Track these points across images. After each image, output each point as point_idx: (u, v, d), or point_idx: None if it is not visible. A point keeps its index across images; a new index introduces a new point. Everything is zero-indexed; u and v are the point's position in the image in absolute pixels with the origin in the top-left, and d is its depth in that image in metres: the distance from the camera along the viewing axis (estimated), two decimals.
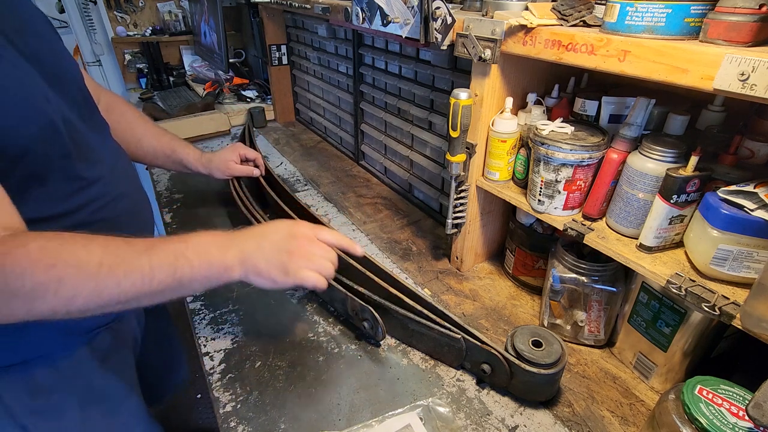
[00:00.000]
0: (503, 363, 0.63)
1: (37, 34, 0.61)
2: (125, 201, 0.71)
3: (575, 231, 0.67)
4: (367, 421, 0.62)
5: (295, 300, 0.86)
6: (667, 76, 0.47)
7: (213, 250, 0.57)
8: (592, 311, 0.72)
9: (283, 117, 1.84)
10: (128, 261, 0.51)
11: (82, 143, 0.63)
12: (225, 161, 1.05)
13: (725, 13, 0.44)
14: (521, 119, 0.76)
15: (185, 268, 0.54)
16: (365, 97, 1.34)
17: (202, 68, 2.17)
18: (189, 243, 0.56)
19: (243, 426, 0.62)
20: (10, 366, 0.63)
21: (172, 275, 0.53)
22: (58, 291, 0.48)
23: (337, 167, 1.45)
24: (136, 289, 0.51)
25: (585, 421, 0.63)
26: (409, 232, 1.09)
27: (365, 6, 0.84)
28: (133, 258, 0.52)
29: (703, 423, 0.46)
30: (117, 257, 0.51)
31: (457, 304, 0.85)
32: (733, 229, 0.51)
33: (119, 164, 0.73)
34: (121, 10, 2.26)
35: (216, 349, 0.74)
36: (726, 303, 0.51)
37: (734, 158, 0.57)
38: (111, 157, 0.71)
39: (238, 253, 0.58)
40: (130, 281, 0.51)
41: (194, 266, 0.55)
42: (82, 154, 0.63)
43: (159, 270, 0.53)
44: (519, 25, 0.60)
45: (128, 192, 0.73)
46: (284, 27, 1.67)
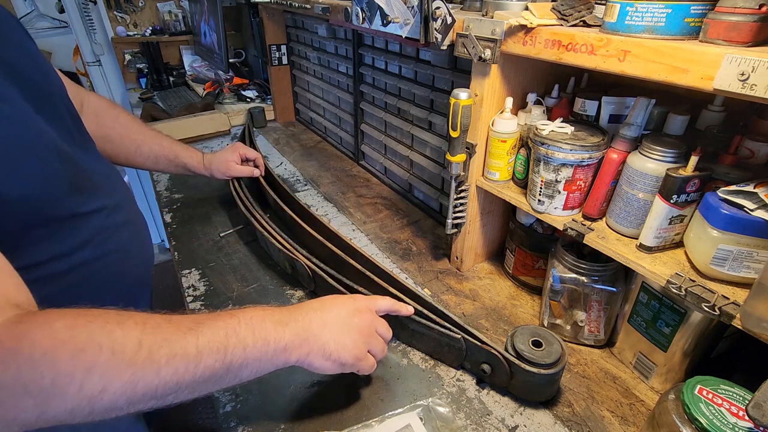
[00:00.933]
0: (503, 363, 0.63)
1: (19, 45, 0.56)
2: (129, 227, 0.68)
3: (575, 231, 0.67)
4: (367, 421, 0.62)
5: (295, 300, 0.86)
6: (667, 76, 0.47)
7: (269, 326, 0.49)
8: (592, 311, 0.72)
9: (283, 117, 1.84)
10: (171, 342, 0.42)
11: (79, 173, 0.59)
12: (225, 162, 1.05)
13: (725, 13, 0.44)
14: (521, 119, 0.76)
15: (237, 350, 0.45)
16: (365, 97, 1.34)
17: (202, 68, 2.17)
18: (241, 318, 0.48)
19: (243, 426, 0.62)
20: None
21: (222, 359, 0.44)
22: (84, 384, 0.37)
23: (337, 167, 1.45)
24: (177, 378, 0.42)
25: (585, 421, 0.63)
26: (409, 232, 1.09)
27: (365, 6, 0.84)
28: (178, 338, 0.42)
29: (703, 423, 0.46)
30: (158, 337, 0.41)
31: (457, 304, 0.85)
32: (733, 229, 0.51)
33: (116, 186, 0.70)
34: (121, 10, 2.26)
35: None
36: (726, 303, 0.51)
37: (734, 158, 0.57)
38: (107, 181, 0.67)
39: (300, 331, 0.51)
40: (172, 368, 0.41)
41: (248, 346, 0.46)
42: (81, 186, 0.58)
43: (207, 353, 0.43)
44: (519, 25, 0.60)
45: (129, 216, 0.70)
46: (284, 27, 1.67)
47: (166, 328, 0.43)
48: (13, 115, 0.48)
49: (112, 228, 0.64)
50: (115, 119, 0.89)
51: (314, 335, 0.52)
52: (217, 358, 0.44)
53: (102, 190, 0.64)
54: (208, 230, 1.07)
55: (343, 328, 0.54)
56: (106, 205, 0.63)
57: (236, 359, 0.45)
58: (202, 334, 0.44)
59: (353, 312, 0.56)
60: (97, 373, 0.37)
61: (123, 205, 0.69)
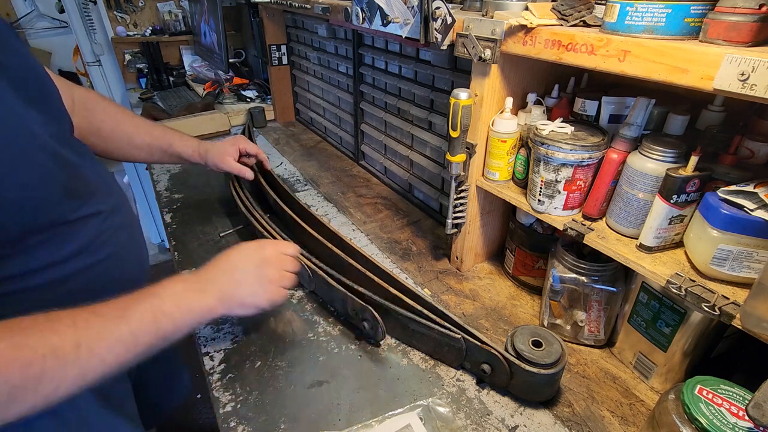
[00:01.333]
0: (503, 363, 0.63)
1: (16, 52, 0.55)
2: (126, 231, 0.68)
3: (575, 231, 0.67)
4: (367, 421, 0.62)
5: (295, 300, 0.86)
6: (667, 76, 0.47)
7: (190, 297, 0.56)
8: (592, 311, 0.72)
9: (283, 117, 1.84)
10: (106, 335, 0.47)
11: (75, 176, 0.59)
12: (222, 154, 0.99)
13: (725, 13, 0.44)
14: (521, 119, 0.76)
15: (167, 325, 0.53)
16: (365, 97, 1.34)
17: (202, 68, 2.17)
18: (164, 296, 0.54)
19: (243, 426, 0.62)
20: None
21: (156, 334, 0.51)
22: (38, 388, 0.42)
23: (337, 167, 1.45)
24: (120, 359, 0.48)
25: (585, 421, 0.63)
26: (409, 232, 1.09)
27: (365, 6, 0.84)
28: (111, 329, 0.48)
29: (703, 423, 0.46)
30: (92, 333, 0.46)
31: (457, 304, 0.85)
32: (733, 229, 0.51)
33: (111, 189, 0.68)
34: (121, 10, 2.26)
35: (216, 349, 0.74)
36: (726, 303, 0.51)
37: (734, 158, 0.57)
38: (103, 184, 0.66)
39: (217, 293, 0.58)
40: (113, 354, 0.47)
41: (176, 319, 0.54)
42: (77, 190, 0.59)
43: (141, 334, 0.50)
44: (519, 25, 0.60)
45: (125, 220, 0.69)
46: (284, 27, 1.67)
47: (97, 323, 0.47)
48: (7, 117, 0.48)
49: (108, 232, 0.64)
50: (104, 112, 0.84)
51: (231, 294, 0.59)
52: (151, 335, 0.51)
53: (98, 193, 0.63)
54: (208, 230, 1.07)
55: (255, 281, 0.62)
56: (102, 209, 0.63)
57: (168, 330, 0.53)
58: (132, 320, 0.49)
59: (261, 263, 0.63)
60: (46, 378, 0.42)
61: (119, 208, 0.68)
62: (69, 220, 0.57)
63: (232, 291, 0.60)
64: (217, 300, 0.58)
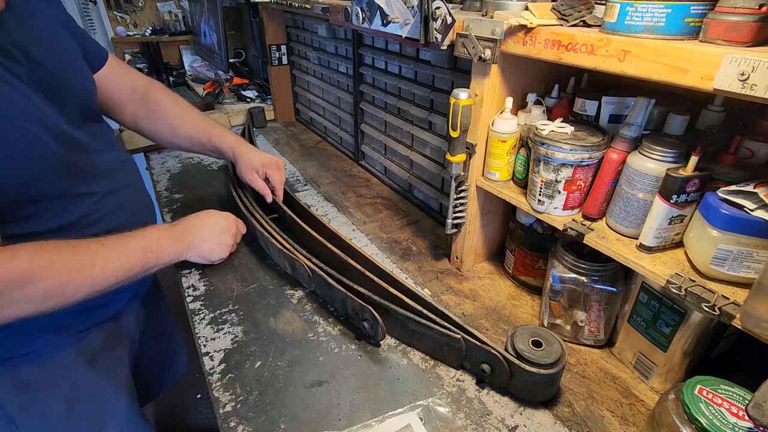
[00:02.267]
0: (503, 363, 0.63)
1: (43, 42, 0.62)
2: (123, 213, 0.74)
3: (575, 231, 0.67)
4: (367, 421, 0.62)
5: (295, 300, 0.86)
6: (667, 76, 0.47)
7: (169, 243, 0.76)
8: (592, 311, 0.72)
9: (283, 117, 1.84)
10: (111, 261, 0.63)
11: (80, 154, 0.66)
12: (250, 168, 0.99)
13: (725, 13, 0.44)
14: (521, 119, 0.76)
15: (152, 260, 0.71)
16: (365, 97, 1.34)
17: (202, 68, 2.17)
18: (150, 238, 0.72)
19: (243, 426, 0.62)
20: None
21: (143, 265, 0.69)
22: (65, 292, 0.57)
23: (337, 167, 1.45)
24: (118, 279, 0.65)
25: (585, 421, 0.63)
26: (409, 232, 1.09)
27: (365, 6, 0.84)
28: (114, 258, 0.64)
29: (703, 423, 0.46)
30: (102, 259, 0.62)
31: (457, 304, 0.85)
32: (733, 229, 0.51)
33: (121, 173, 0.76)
34: (121, 10, 2.26)
35: (216, 349, 0.74)
36: (726, 303, 0.51)
37: (734, 158, 0.57)
38: (111, 167, 0.73)
39: (188, 244, 0.80)
40: (115, 276, 0.64)
41: (159, 257, 0.73)
42: (79, 170, 0.66)
43: (135, 264, 0.67)
44: (519, 25, 0.60)
45: (128, 202, 0.76)
46: (284, 27, 1.67)
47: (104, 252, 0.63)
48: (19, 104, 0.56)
49: (100, 212, 0.69)
50: (157, 102, 0.93)
51: (197, 245, 0.83)
52: (141, 266, 0.69)
53: (101, 176, 0.70)
54: None
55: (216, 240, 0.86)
56: (98, 190, 0.69)
57: (151, 264, 0.71)
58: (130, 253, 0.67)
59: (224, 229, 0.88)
60: (71, 285, 0.58)
61: (119, 192, 0.74)
62: (62, 194, 0.64)
63: (198, 244, 0.82)
64: (185, 248, 0.79)
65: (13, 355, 0.67)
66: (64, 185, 0.64)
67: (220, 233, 0.87)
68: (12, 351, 0.67)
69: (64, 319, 0.69)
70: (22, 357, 0.68)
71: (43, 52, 0.62)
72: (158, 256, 0.72)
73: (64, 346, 0.71)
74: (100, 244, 0.63)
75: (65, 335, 0.71)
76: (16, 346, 0.67)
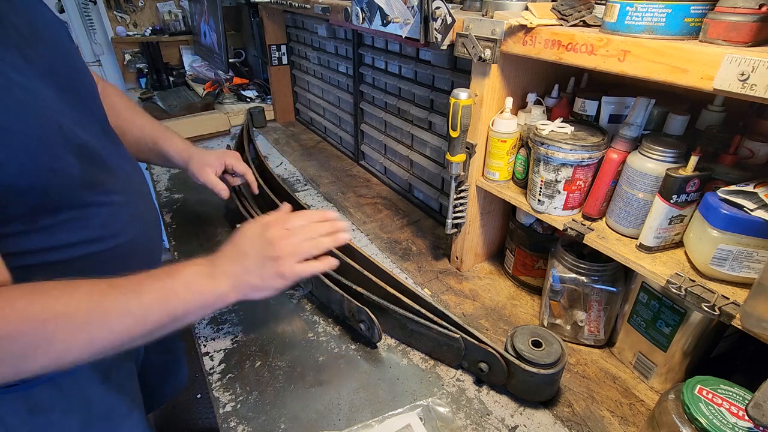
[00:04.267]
0: (500, 361, 0.63)
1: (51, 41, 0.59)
2: (138, 223, 0.69)
3: (575, 231, 0.67)
4: (367, 421, 0.62)
5: (295, 300, 0.86)
6: (667, 76, 0.47)
7: (202, 281, 0.56)
8: (592, 311, 0.72)
9: (282, 117, 1.84)
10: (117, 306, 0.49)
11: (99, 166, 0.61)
12: (202, 164, 0.91)
13: (725, 13, 0.44)
14: (521, 119, 0.76)
15: (178, 305, 0.53)
16: (365, 97, 1.34)
17: (202, 68, 2.17)
18: (176, 277, 0.55)
19: (243, 426, 0.62)
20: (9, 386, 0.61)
21: (166, 313, 0.52)
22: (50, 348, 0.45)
23: (337, 167, 1.45)
24: (129, 332, 0.50)
25: (585, 421, 0.63)
26: (409, 232, 1.09)
27: (365, 6, 0.84)
28: (122, 302, 0.50)
29: (702, 423, 0.46)
30: (105, 304, 0.49)
31: (457, 304, 0.85)
32: (733, 229, 0.51)
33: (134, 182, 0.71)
34: (120, 10, 2.26)
35: (216, 349, 0.74)
36: (726, 303, 0.51)
37: (734, 158, 0.57)
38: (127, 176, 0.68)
39: (227, 280, 0.58)
40: (123, 326, 0.49)
41: (188, 301, 0.54)
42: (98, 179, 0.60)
43: (151, 311, 0.51)
44: (519, 25, 0.60)
45: (141, 212, 0.70)
46: (284, 27, 1.67)
47: (112, 295, 0.49)
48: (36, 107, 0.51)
49: (121, 223, 0.65)
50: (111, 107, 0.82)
51: (243, 280, 0.58)
52: (162, 314, 0.52)
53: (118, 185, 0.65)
54: (208, 230, 1.07)
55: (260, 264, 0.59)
56: (118, 200, 0.64)
57: (179, 311, 0.53)
58: (145, 295, 0.51)
59: (265, 244, 0.60)
60: (57, 339, 0.45)
61: (137, 201, 0.69)
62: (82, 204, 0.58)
63: (243, 277, 0.58)
64: (229, 287, 0.57)
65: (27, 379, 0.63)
66: (83, 194, 0.58)
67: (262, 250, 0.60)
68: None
69: None
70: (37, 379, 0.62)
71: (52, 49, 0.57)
72: (186, 300, 0.54)
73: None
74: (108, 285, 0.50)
75: None
76: None
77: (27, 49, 0.53)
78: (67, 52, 0.61)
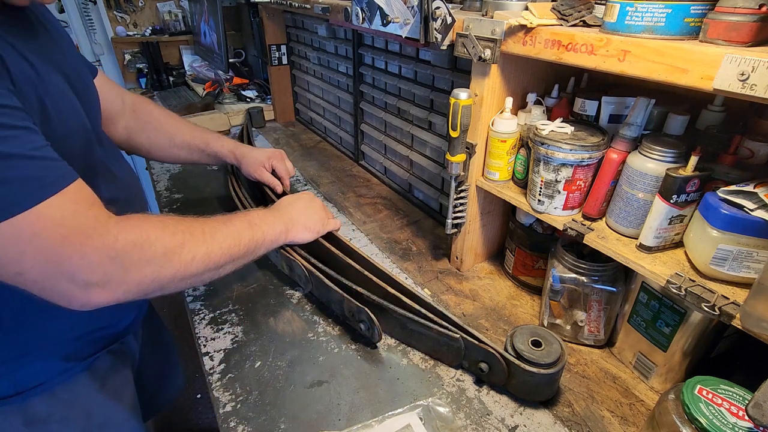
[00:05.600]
0: (500, 361, 0.63)
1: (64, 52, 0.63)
2: None
3: (575, 231, 0.67)
4: (367, 421, 0.62)
5: (295, 300, 0.86)
6: (667, 76, 0.47)
7: (271, 219, 0.75)
8: (591, 311, 0.72)
9: (282, 117, 1.84)
10: (220, 228, 0.63)
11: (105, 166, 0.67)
12: (256, 165, 1.01)
13: (725, 13, 0.44)
14: (521, 119, 0.76)
15: (259, 233, 0.70)
16: (365, 97, 1.34)
17: (202, 68, 2.17)
18: (252, 216, 0.72)
19: (243, 426, 0.62)
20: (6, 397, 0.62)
21: (253, 238, 0.68)
22: (182, 254, 0.56)
23: (336, 167, 1.45)
24: (231, 251, 0.63)
25: (585, 421, 0.63)
26: (409, 232, 1.09)
27: (365, 6, 0.84)
28: (221, 227, 0.63)
29: (702, 423, 0.46)
30: (210, 226, 0.62)
31: (457, 304, 0.85)
32: (733, 229, 0.51)
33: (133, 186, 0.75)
34: (120, 10, 2.26)
35: (216, 349, 0.74)
36: (726, 303, 0.51)
37: (734, 158, 0.57)
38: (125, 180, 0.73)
39: (289, 221, 0.79)
40: (227, 244, 0.62)
41: (265, 231, 0.71)
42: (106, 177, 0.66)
43: (243, 233, 0.66)
44: (519, 25, 0.60)
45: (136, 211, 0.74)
46: (284, 27, 1.67)
47: (210, 222, 0.63)
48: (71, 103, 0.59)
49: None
50: (150, 113, 0.93)
51: (297, 221, 0.81)
52: (251, 239, 0.67)
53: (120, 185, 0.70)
54: None
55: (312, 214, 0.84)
56: (119, 197, 0.68)
57: (259, 239, 0.70)
58: (236, 223, 0.67)
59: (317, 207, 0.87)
60: (187, 247, 0.57)
61: (132, 200, 0.73)
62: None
63: (297, 218, 0.81)
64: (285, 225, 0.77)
65: (24, 389, 0.63)
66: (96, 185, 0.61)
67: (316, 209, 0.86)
68: (22, 385, 0.63)
69: (73, 345, 0.66)
70: (33, 389, 0.64)
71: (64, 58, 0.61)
72: (264, 230, 0.71)
73: (75, 372, 0.68)
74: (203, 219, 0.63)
75: (75, 361, 0.68)
76: (27, 379, 0.63)
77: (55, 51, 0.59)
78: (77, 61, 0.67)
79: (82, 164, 0.58)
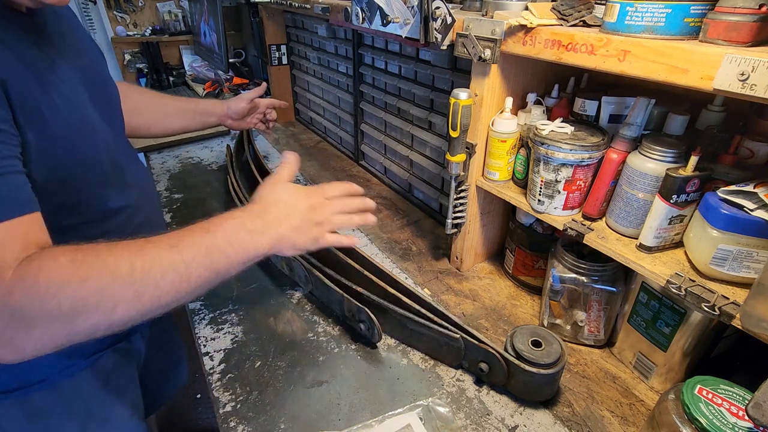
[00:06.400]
0: (500, 361, 0.63)
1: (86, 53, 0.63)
2: (149, 226, 0.72)
3: (575, 231, 0.67)
4: (367, 421, 0.62)
5: (295, 300, 0.86)
6: (667, 76, 0.47)
7: (244, 237, 0.55)
8: (591, 311, 0.72)
9: (282, 117, 1.84)
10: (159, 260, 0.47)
11: (118, 169, 0.65)
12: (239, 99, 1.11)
13: (725, 13, 0.44)
14: (521, 119, 0.76)
15: (221, 260, 0.52)
16: (365, 97, 1.34)
17: (202, 68, 2.17)
18: (216, 233, 0.53)
19: (243, 426, 0.62)
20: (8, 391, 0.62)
21: (209, 268, 0.51)
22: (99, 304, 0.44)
23: (337, 167, 1.45)
24: (175, 288, 0.48)
25: (585, 421, 0.63)
26: (409, 232, 1.09)
27: (365, 6, 0.84)
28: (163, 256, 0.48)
29: (702, 423, 0.46)
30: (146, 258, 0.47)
31: (457, 304, 0.85)
32: (733, 229, 0.51)
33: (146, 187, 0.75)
34: (120, 9, 2.26)
35: (216, 349, 0.74)
36: (726, 303, 0.51)
37: (734, 158, 0.57)
38: (139, 181, 0.73)
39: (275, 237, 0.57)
40: (168, 281, 0.47)
41: (230, 256, 0.53)
42: (116, 181, 0.64)
43: (194, 266, 0.49)
44: (519, 25, 0.60)
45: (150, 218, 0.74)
46: (284, 27, 1.67)
47: (150, 248, 0.48)
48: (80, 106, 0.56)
49: (132, 226, 0.67)
50: (137, 92, 0.97)
51: (286, 237, 0.58)
52: (205, 269, 0.50)
53: (132, 188, 0.69)
54: None
55: (306, 226, 0.60)
56: (131, 203, 0.67)
57: (222, 267, 0.52)
58: (185, 251, 0.49)
59: (312, 210, 0.61)
60: (106, 293, 0.44)
61: (147, 205, 0.73)
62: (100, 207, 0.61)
63: (288, 234, 0.58)
64: (272, 241, 0.57)
65: (26, 383, 0.63)
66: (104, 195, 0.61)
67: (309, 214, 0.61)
68: (25, 380, 0.63)
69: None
70: (36, 384, 0.64)
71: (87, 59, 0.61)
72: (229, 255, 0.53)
73: (78, 369, 0.68)
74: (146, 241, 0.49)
75: (79, 358, 0.68)
76: (30, 374, 0.63)
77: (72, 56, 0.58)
78: (98, 63, 0.67)
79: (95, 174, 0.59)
